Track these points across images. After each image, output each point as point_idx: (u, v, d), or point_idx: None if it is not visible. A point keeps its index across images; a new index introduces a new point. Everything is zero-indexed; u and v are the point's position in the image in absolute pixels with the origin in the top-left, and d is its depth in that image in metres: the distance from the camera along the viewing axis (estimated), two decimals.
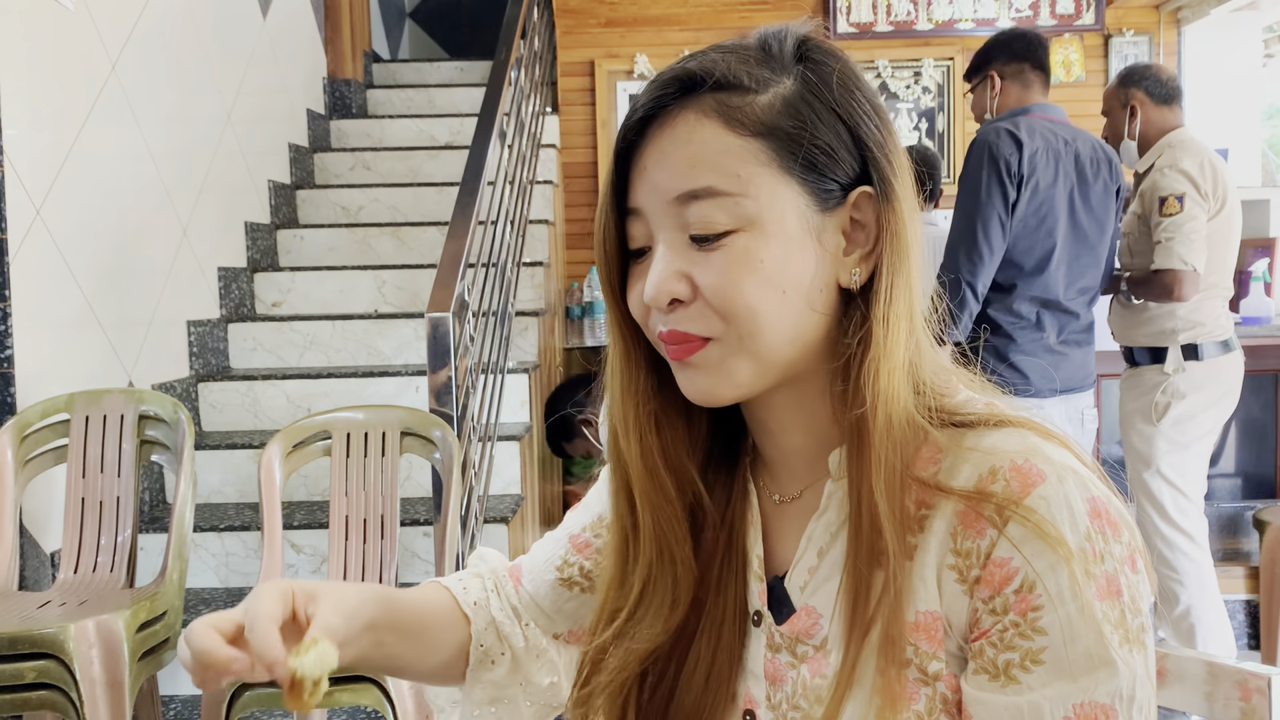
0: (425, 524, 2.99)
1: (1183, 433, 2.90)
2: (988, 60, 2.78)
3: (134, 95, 3.27)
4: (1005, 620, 0.65)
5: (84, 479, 2.54)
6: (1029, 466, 0.67)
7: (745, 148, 0.70)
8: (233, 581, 3.03)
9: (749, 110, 0.70)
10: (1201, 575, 2.91)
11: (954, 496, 0.68)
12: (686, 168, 0.70)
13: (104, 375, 3.04)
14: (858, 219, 0.72)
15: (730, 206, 0.69)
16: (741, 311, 0.70)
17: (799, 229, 0.70)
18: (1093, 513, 0.66)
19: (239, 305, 3.96)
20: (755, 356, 0.71)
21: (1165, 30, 5.27)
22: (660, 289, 0.71)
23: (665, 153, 0.71)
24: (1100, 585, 0.64)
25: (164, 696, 2.69)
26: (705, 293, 0.70)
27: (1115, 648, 0.63)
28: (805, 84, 0.71)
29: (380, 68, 5.92)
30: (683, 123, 0.71)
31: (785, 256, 0.70)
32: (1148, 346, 2.93)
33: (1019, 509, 0.65)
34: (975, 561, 0.67)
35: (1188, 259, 2.74)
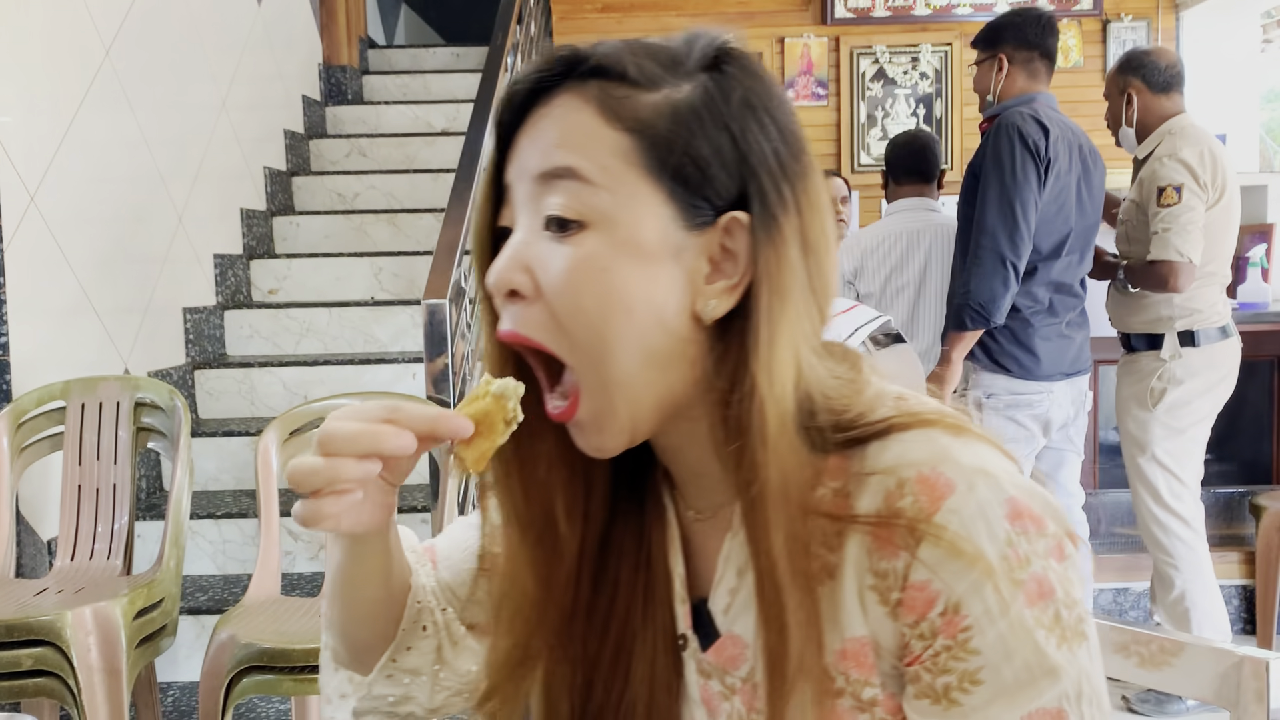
0: (423, 510, 2.99)
1: (1178, 418, 2.90)
2: (999, 40, 2.77)
3: (128, 81, 3.25)
4: (936, 644, 0.62)
5: (80, 466, 2.53)
6: (936, 477, 0.62)
7: (616, 140, 0.65)
8: (230, 569, 3.03)
9: (629, 104, 0.66)
10: (1197, 560, 2.92)
11: (860, 522, 0.64)
12: (553, 146, 0.66)
13: (100, 362, 3.03)
14: (729, 246, 0.66)
15: (587, 195, 0.65)
16: (580, 323, 0.65)
17: (656, 241, 0.65)
18: (1011, 515, 0.62)
19: (235, 292, 3.95)
20: (621, 388, 0.66)
21: (1164, 15, 5.25)
22: (501, 275, 0.66)
23: (538, 130, 0.68)
24: (1030, 591, 0.61)
25: (161, 683, 2.70)
26: (546, 292, 0.65)
27: (1054, 652, 0.61)
28: (703, 93, 0.66)
29: (376, 54, 5.90)
30: (560, 104, 0.67)
31: (632, 269, 0.65)
32: (1144, 333, 2.93)
33: (930, 527, 0.61)
34: (894, 584, 0.63)
35: (1184, 250, 2.74)
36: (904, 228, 3.15)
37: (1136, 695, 2.96)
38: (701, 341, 0.67)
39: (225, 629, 2.15)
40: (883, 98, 5.49)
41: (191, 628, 2.76)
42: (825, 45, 5.43)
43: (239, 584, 2.92)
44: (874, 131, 5.48)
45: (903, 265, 3.12)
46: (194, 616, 2.77)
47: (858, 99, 5.47)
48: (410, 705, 0.84)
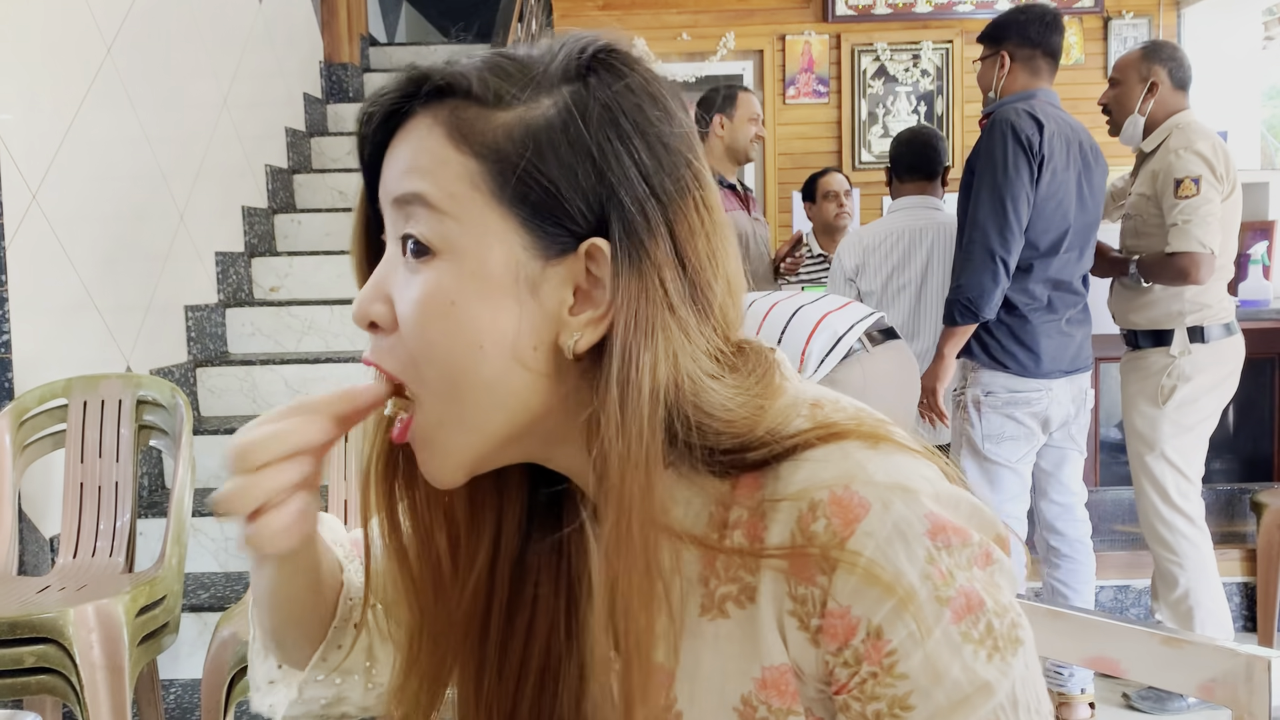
0: None
1: (1187, 416, 2.89)
2: (1002, 37, 2.77)
3: (129, 79, 3.25)
4: (862, 671, 0.59)
5: (82, 464, 2.54)
6: (850, 497, 0.59)
7: (464, 166, 0.62)
8: (231, 566, 3.04)
9: (479, 126, 0.62)
10: (1201, 558, 2.92)
11: (770, 557, 0.60)
12: (405, 171, 0.63)
13: (102, 360, 3.03)
14: (597, 274, 0.62)
15: (435, 223, 0.62)
16: (432, 359, 0.62)
17: (505, 274, 0.62)
18: (931, 530, 0.58)
19: (236, 290, 3.95)
20: (460, 424, 0.64)
21: (1165, 12, 5.25)
22: (361, 307, 0.65)
23: (395, 153, 0.65)
24: (958, 606, 0.58)
25: (164, 680, 2.70)
26: (401, 325, 0.63)
27: (983, 667, 0.58)
28: (561, 109, 0.62)
29: (377, 51, 5.90)
30: (415, 126, 0.64)
31: (481, 302, 0.61)
32: (1151, 329, 2.92)
33: (844, 554, 0.58)
34: (813, 610, 0.60)
35: (1205, 242, 2.72)
36: (906, 226, 3.14)
37: (1137, 692, 2.96)
38: (569, 373, 0.64)
39: (227, 626, 2.15)
40: (884, 95, 5.49)
41: (193, 625, 2.77)
42: (826, 43, 5.43)
43: (241, 581, 2.93)
44: (875, 129, 5.48)
45: (904, 264, 3.11)
46: (196, 614, 2.78)
47: (859, 96, 5.47)
48: (343, 706, 0.82)
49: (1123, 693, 2.99)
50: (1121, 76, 2.97)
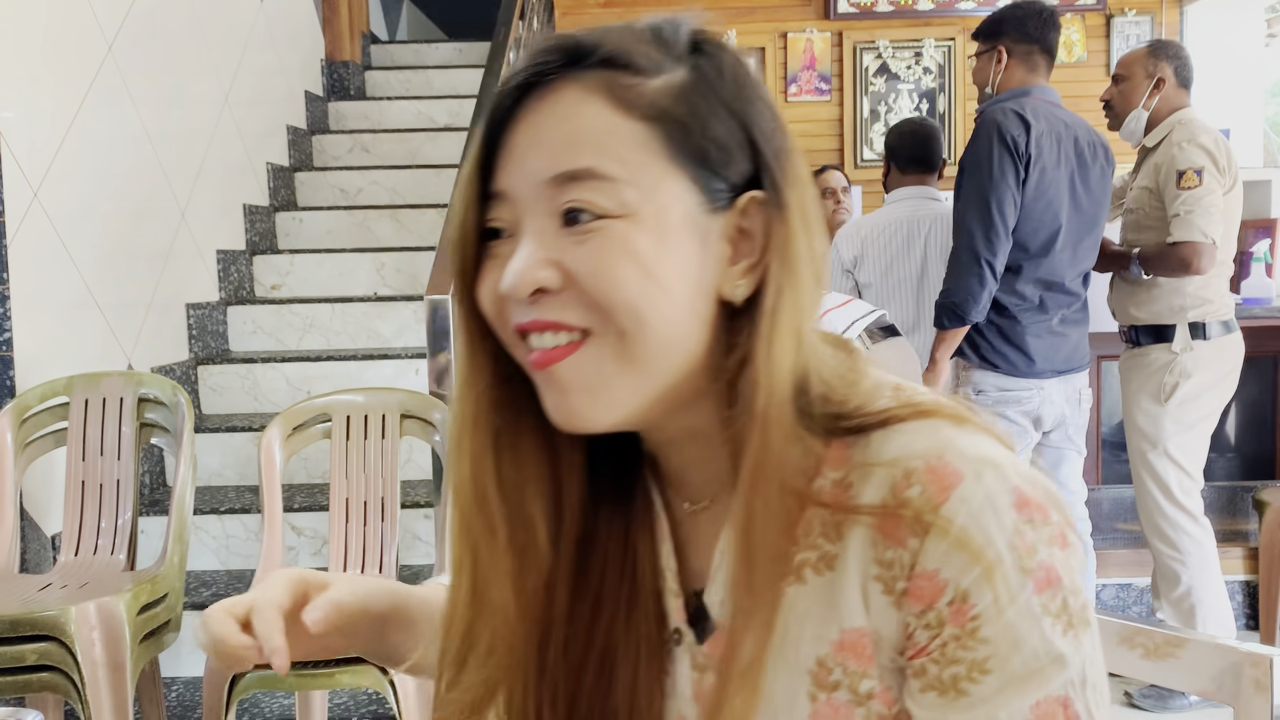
0: (426, 506, 2.99)
1: (1188, 412, 2.89)
2: (999, 32, 2.76)
3: (131, 77, 3.25)
4: (944, 634, 0.61)
5: (84, 462, 2.54)
6: (943, 467, 0.62)
7: (633, 131, 0.63)
8: (233, 564, 3.04)
9: (640, 91, 0.64)
10: (1204, 555, 2.92)
11: (864, 513, 0.63)
12: (564, 147, 0.63)
13: (103, 358, 3.04)
14: (745, 227, 0.66)
15: (611, 192, 0.62)
16: (620, 303, 0.62)
17: (682, 226, 0.64)
18: (1018, 504, 0.61)
19: (238, 288, 3.95)
20: (634, 364, 0.64)
21: (1168, 9, 5.24)
22: (523, 277, 0.63)
23: (541, 130, 0.64)
24: (1038, 579, 0.61)
25: (166, 678, 2.70)
26: (580, 279, 0.63)
27: (1060, 640, 0.61)
28: (699, 74, 0.65)
29: (378, 49, 5.90)
30: (564, 98, 0.64)
31: (665, 251, 0.63)
32: (1151, 325, 2.92)
33: (938, 518, 0.61)
34: (900, 573, 0.62)
35: (1208, 231, 2.73)
36: (905, 216, 3.13)
37: (1139, 690, 2.96)
38: (718, 326, 0.66)
39: None
40: (886, 93, 5.48)
41: (195, 623, 2.77)
42: (828, 40, 5.42)
43: (242, 579, 2.93)
44: (877, 126, 5.48)
45: (903, 255, 3.10)
46: (198, 612, 2.77)
47: (860, 94, 5.46)
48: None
49: (1124, 690, 2.99)
50: (1127, 73, 2.97)
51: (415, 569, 2.94)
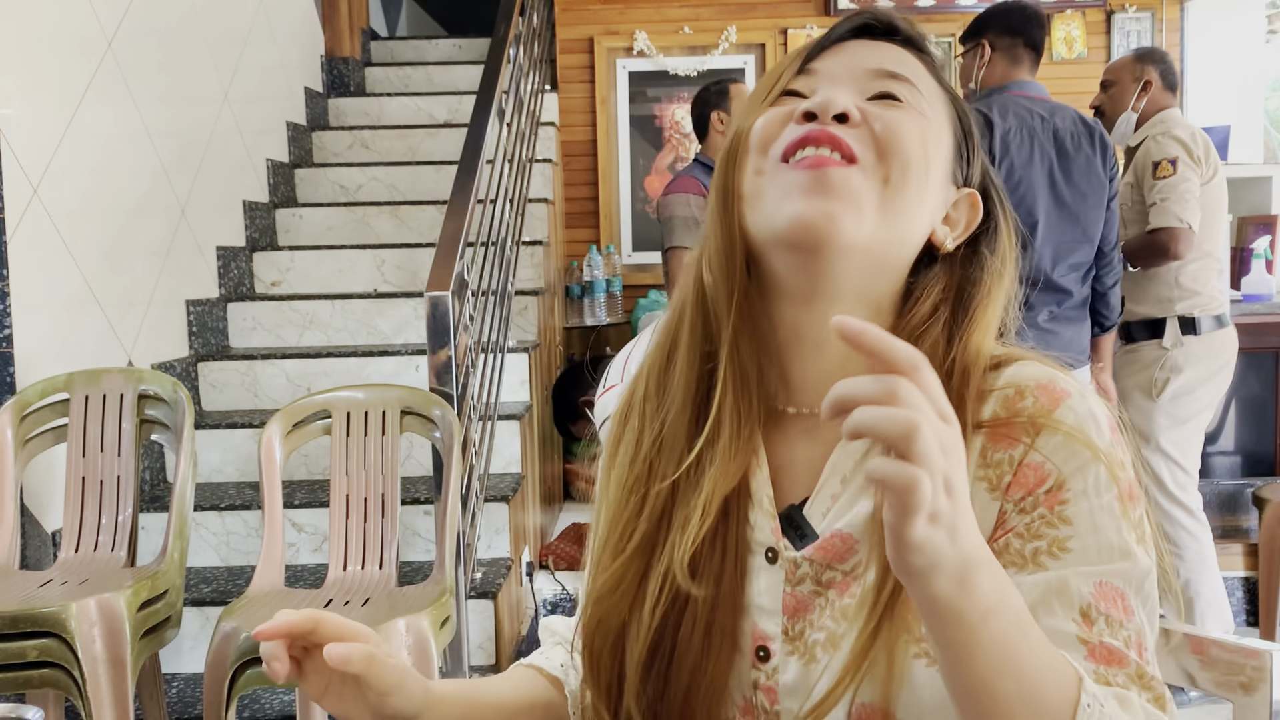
0: (426, 503, 2.99)
1: (1181, 408, 2.91)
2: (983, 28, 2.76)
3: (130, 73, 3.25)
4: (1034, 515, 0.70)
5: (84, 458, 2.54)
6: (1054, 384, 0.73)
7: (937, 90, 0.81)
8: (234, 560, 3.04)
9: (940, 75, 0.82)
10: (1201, 549, 2.93)
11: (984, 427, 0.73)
12: (894, 60, 0.79)
13: (103, 355, 3.03)
14: (952, 215, 0.81)
15: (917, 100, 0.77)
16: (902, 153, 0.74)
17: (945, 162, 0.79)
18: (1113, 426, 0.73)
19: (238, 285, 3.95)
20: (887, 207, 0.74)
21: (1168, 6, 5.23)
22: (837, 98, 0.74)
23: (875, 48, 0.80)
24: (1123, 488, 0.70)
25: (166, 675, 2.70)
26: (876, 122, 0.75)
27: (1134, 543, 0.69)
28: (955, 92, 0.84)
29: (378, 45, 5.89)
30: (890, 48, 0.80)
31: (934, 156, 0.77)
32: (1144, 320, 2.94)
33: (1051, 419, 0.71)
34: (1008, 469, 0.71)
35: (1183, 216, 2.78)
36: None
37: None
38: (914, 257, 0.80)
39: (229, 620, 2.15)
40: None
41: (195, 619, 2.77)
42: None
43: (243, 576, 2.93)
44: None
45: None
46: (198, 608, 2.78)
47: None
48: None
49: None
50: (1115, 78, 3.06)
51: (415, 565, 2.94)
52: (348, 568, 2.49)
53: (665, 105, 5.29)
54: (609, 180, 5.28)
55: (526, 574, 3.29)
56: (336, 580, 2.46)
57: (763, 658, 0.77)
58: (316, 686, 0.73)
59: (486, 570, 2.96)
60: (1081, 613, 0.67)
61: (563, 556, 3.54)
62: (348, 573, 2.48)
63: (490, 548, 3.06)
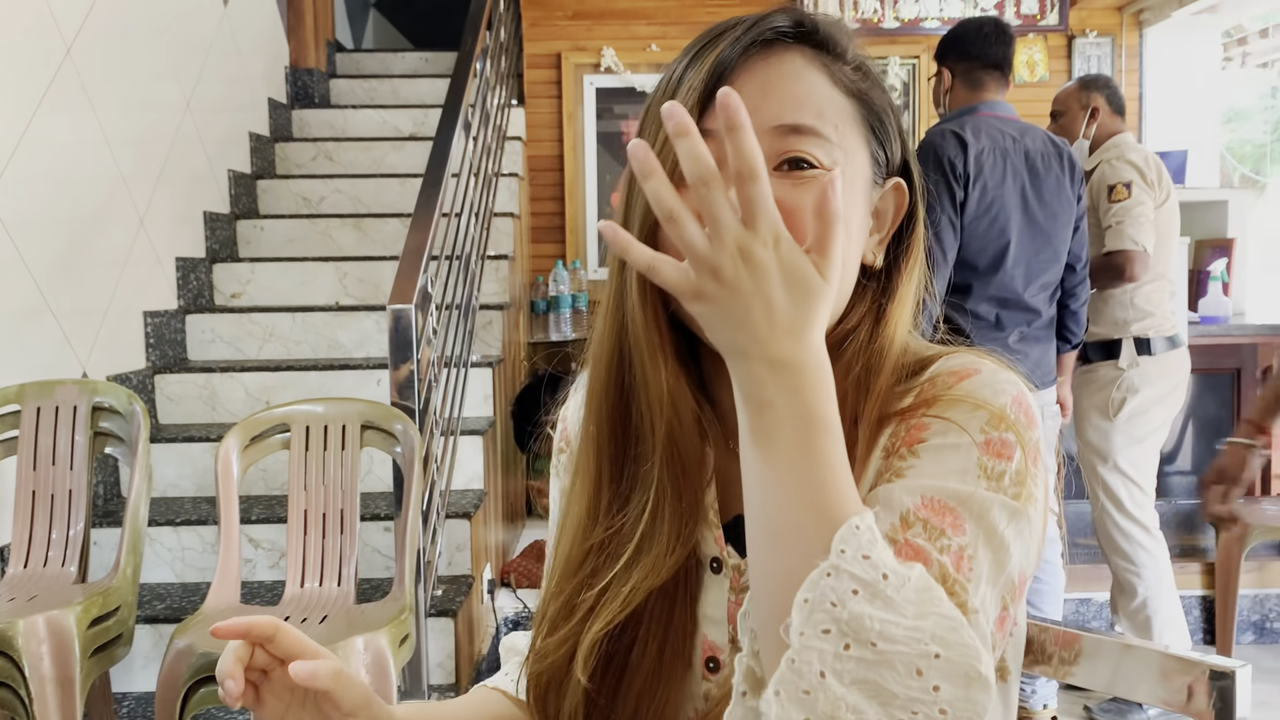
0: (386, 519, 2.96)
1: (1137, 427, 2.95)
2: (942, 55, 2.79)
3: (90, 81, 3.20)
4: (893, 456, 0.70)
5: (35, 471, 2.49)
6: (965, 368, 0.73)
7: (844, 104, 0.74)
8: (189, 577, 2.99)
9: (844, 72, 0.75)
10: (1158, 567, 2.96)
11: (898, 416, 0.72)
12: (794, 104, 0.72)
13: (57, 366, 2.98)
14: (879, 207, 0.78)
15: (825, 149, 0.72)
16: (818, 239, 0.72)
17: (863, 189, 0.75)
18: (1015, 400, 0.70)
19: (197, 296, 3.90)
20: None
21: (1128, 32, 5.32)
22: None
23: (770, 83, 0.73)
24: (992, 441, 0.68)
25: (117, 694, 2.65)
26: (793, 215, 0.69)
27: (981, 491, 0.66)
28: (867, 69, 0.78)
29: (344, 57, 5.86)
30: (789, 63, 0.74)
31: (852, 209, 0.74)
32: (1101, 341, 2.99)
33: (948, 393, 0.71)
34: (900, 436, 0.71)
35: (1138, 239, 2.85)
36: None
37: (1099, 705, 2.98)
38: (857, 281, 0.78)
39: (183, 638, 2.11)
40: None
41: (148, 637, 2.71)
42: None
43: (198, 593, 2.88)
44: None
45: None
46: (151, 625, 2.73)
47: None
48: None
49: (1084, 705, 3.00)
50: (1063, 108, 3.13)
51: (374, 582, 2.91)
52: (305, 584, 2.46)
53: (632, 122, 5.29)
54: (575, 195, 5.28)
55: (488, 592, 3.26)
56: (294, 597, 2.42)
57: (712, 669, 0.78)
58: (274, 712, 0.72)
59: (447, 588, 2.92)
60: (901, 518, 0.64)
61: (525, 574, 3.51)
62: (305, 589, 2.45)
63: (451, 565, 3.03)
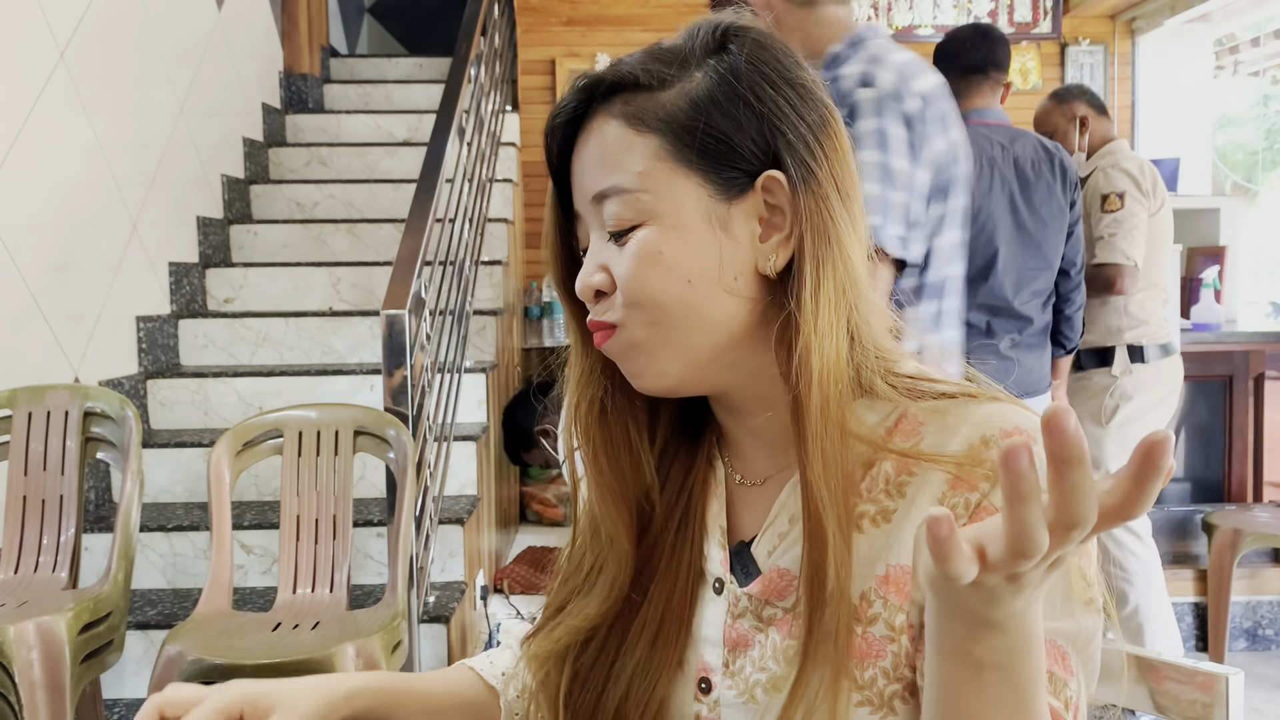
0: (379, 525, 2.95)
1: (1129, 435, 2.96)
2: (935, 64, 2.78)
3: (83, 86, 3.20)
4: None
5: (26, 476, 2.48)
6: (1017, 434, 0.68)
7: (644, 144, 0.72)
8: (180, 583, 2.97)
9: (649, 107, 0.73)
10: (1149, 574, 2.96)
11: (945, 464, 0.69)
12: (596, 169, 0.74)
13: (49, 371, 2.97)
14: (773, 203, 0.73)
15: (632, 202, 0.72)
16: (645, 301, 0.72)
17: (699, 219, 0.72)
18: None
19: (190, 301, 3.89)
20: (669, 344, 0.73)
21: (1120, 40, 5.34)
22: (584, 282, 0.75)
23: (582, 156, 0.75)
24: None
25: (108, 700, 2.63)
26: (619, 283, 0.73)
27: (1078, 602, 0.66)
28: (714, 75, 0.73)
29: (338, 63, 5.86)
30: (594, 127, 0.74)
31: (684, 247, 0.72)
32: (1093, 348, 2.99)
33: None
34: (964, 512, 0.68)
35: (1130, 254, 2.83)
36: None
37: (1092, 711, 2.97)
38: (764, 294, 0.73)
39: (174, 643, 2.10)
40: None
41: (140, 643, 2.70)
42: None
43: (189, 598, 2.87)
44: None
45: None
46: (142, 631, 2.71)
47: None
48: None
49: None
50: (1049, 127, 3.11)
51: (367, 588, 2.90)
52: (297, 590, 2.45)
53: None
54: None
55: (481, 598, 3.25)
56: (286, 603, 2.42)
57: (705, 689, 0.78)
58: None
59: (440, 594, 2.91)
60: None
61: (518, 580, 3.50)
62: (297, 596, 2.44)
63: (444, 571, 3.02)
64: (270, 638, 2.19)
